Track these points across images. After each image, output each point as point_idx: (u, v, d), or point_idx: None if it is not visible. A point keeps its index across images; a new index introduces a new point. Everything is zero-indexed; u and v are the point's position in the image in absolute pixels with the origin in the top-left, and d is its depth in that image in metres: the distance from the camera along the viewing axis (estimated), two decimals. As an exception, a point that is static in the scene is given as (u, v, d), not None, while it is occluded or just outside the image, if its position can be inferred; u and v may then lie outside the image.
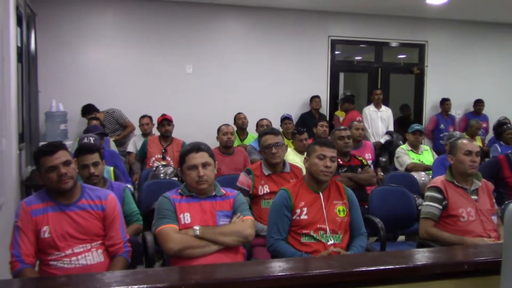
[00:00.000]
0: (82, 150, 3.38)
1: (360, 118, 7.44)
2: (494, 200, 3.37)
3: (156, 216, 2.69)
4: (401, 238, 4.43)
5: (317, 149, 2.97)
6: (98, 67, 7.41)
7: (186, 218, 2.64)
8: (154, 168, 4.88)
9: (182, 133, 6.14)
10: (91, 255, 2.58)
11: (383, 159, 6.58)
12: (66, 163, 2.56)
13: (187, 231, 2.60)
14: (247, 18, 8.10)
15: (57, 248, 2.51)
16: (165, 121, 5.65)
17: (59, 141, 3.20)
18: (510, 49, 9.18)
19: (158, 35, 7.64)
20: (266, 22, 8.09)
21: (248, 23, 8.13)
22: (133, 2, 7.52)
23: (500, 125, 7.27)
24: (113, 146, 5.96)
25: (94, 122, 6.05)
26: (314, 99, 7.92)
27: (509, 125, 7.25)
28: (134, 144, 6.26)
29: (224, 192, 2.81)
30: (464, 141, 3.37)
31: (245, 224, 2.69)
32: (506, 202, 3.73)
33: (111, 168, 4.10)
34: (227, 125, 5.26)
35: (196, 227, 2.60)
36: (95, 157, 3.32)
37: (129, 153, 6.27)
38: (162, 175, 4.72)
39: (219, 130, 5.22)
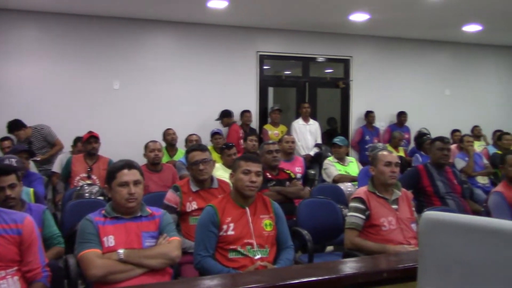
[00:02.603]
0: (-3, 171, 3.19)
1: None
2: (413, 209, 3.52)
3: (78, 240, 2.58)
4: (330, 248, 4.51)
5: (242, 164, 2.98)
6: (23, 83, 7.11)
7: (109, 241, 2.56)
8: (79, 188, 4.70)
9: (109, 150, 5.96)
10: (6, 283, 2.44)
11: (313, 172, 6.70)
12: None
13: (111, 255, 2.51)
14: (176, 34, 8.07)
15: (-32, 277, 2.36)
16: (92, 139, 5.44)
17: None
18: (428, 64, 9.69)
19: (84, 50, 7.44)
20: (195, 38, 8.09)
21: (176, 39, 8.10)
22: (57, 16, 7.29)
23: (421, 136, 7.64)
24: (32, 167, 5.67)
25: (6, 143, 5.80)
26: (245, 113, 7.97)
27: (428, 135, 7.63)
28: (60, 164, 5.97)
29: (150, 212, 2.75)
30: (384, 152, 3.50)
31: (172, 245, 2.65)
32: (425, 210, 3.90)
33: (31, 190, 3.91)
34: (154, 141, 5.19)
35: (120, 251, 2.52)
36: (12, 178, 3.15)
37: (54, 173, 6.00)
38: (87, 194, 4.55)
39: (146, 146, 5.14)
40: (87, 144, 5.42)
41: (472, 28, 8.42)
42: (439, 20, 7.84)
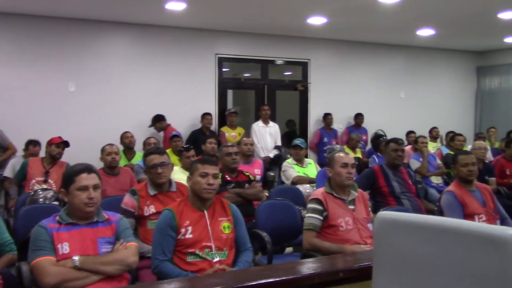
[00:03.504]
0: None
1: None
2: (370, 209, 3.59)
3: (31, 247, 2.51)
4: (289, 249, 4.55)
5: (199, 167, 2.97)
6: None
7: (64, 248, 2.50)
8: (32, 193, 4.57)
9: (64, 154, 5.79)
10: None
11: (272, 174, 6.74)
12: None
13: (66, 262, 2.46)
14: (133, 36, 7.96)
15: None
16: (62, 144, 5.36)
17: None
18: (384, 67, 9.92)
19: (38, 52, 7.25)
20: (153, 40, 8.01)
21: (134, 41, 7.99)
22: (9, 17, 7.06)
23: (377, 137, 7.80)
24: None
25: None
26: (206, 116, 7.93)
27: (384, 137, 7.80)
28: (12, 168, 5.78)
29: (106, 217, 2.71)
30: (341, 154, 3.56)
31: (129, 251, 2.61)
32: (381, 210, 3.99)
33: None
34: (111, 144, 5.11)
35: (75, 258, 2.47)
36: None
37: (6, 178, 5.81)
38: (41, 199, 4.42)
39: (102, 150, 5.05)
40: (55, 148, 5.30)
41: (425, 32, 8.67)
42: (394, 24, 8.04)
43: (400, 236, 1.66)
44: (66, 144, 5.42)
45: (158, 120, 7.52)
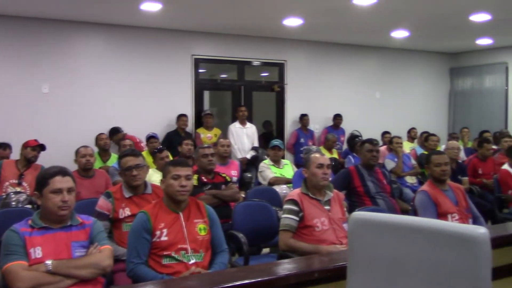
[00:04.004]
0: None
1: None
2: (345, 209, 3.62)
3: (2, 252, 2.46)
4: (266, 250, 4.56)
5: (171, 170, 2.96)
6: None
7: (37, 252, 2.46)
8: (4, 196, 4.49)
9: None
10: None
11: (249, 175, 6.75)
12: None
13: (38, 267, 2.42)
14: (108, 36, 7.87)
15: None
16: (38, 147, 5.28)
17: None
18: (359, 68, 10.02)
19: (11, 53, 7.11)
20: (129, 41, 7.94)
21: (109, 41, 7.90)
22: (-22, 17, 6.93)
23: (353, 138, 7.88)
24: None
25: None
26: (181, 117, 7.89)
27: (360, 137, 7.87)
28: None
29: (80, 220, 2.67)
30: (317, 155, 3.58)
31: (103, 254, 2.58)
32: (356, 210, 4.03)
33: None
34: (85, 146, 5.06)
35: (48, 262, 2.43)
36: None
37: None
38: (13, 203, 4.36)
39: (77, 152, 5.00)
40: (31, 151, 5.22)
41: (400, 34, 8.78)
42: (369, 26, 8.13)
43: (374, 236, 1.68)
44: (42, 147, 5.34)
45: (114, 133, 7.27)
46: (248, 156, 7.73)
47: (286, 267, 2.33)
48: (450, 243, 1.48)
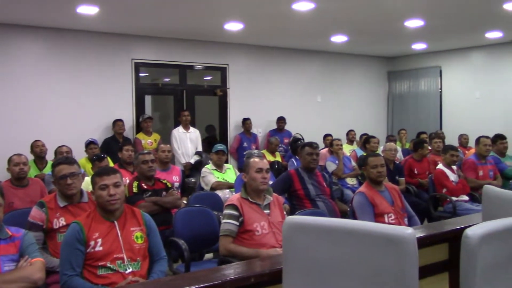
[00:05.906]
0: None
1: None
2: (285, 212, 3.65)
3: None
4: (209, 256, 4.52)
5: (97, 180, 2.88)
6: None
7: None
8: None
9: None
10: None
11: (193, 180, 6.69)
12: None
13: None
14: (45, 40, 7.60)
15: None
16: None
17: None
18: (301, 72, 10.17)
19: None
20: (66, 44, 7.70)
21: (46, 45, 7.63)
22: None
23: (295, 141, 7.97)
24: None
25: None
26: (117, 123, 7.71)
27: (302, 140, 7.97)
28: None
29: (10, 233, 2.56)
30: (256, 159, 3.59)
31: (33, 267, 2.49)
32: (297, 213, 4.07)
33: None
34: (19, 154, 4.86)
35: None
36: None
37: None
38: None
39: (9, 160, 4.79)
40: None
41: (339, 38, 8.99)
42: (309, 30, 8.26)
43: (308, 240, 1.70)
44: None
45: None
46: (192, 161, 7.67)
47: (223, 273, 2.31)
48: (379, 244, 1.52)
